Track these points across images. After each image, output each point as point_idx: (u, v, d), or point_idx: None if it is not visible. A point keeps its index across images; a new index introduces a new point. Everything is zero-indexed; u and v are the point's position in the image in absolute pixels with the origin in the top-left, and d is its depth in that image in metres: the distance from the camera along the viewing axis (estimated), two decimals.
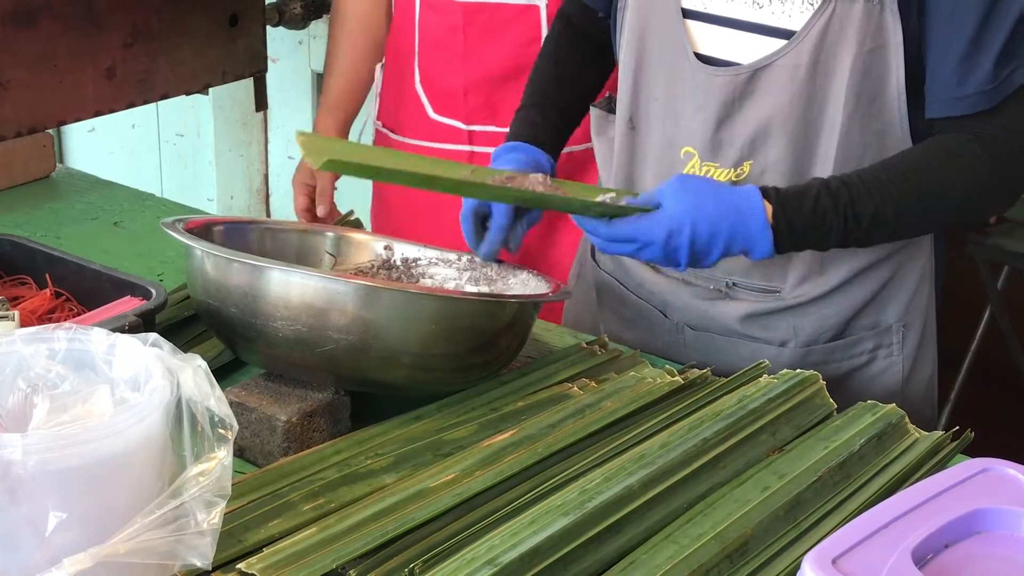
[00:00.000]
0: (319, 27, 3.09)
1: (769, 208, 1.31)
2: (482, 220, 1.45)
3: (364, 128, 2.37)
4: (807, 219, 1.32)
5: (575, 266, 1.77)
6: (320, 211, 2.17)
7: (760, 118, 1.41)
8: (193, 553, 0.91)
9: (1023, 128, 1.37)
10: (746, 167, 1.43)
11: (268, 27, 2.49)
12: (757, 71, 1.40)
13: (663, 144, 1.50)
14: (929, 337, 1.57)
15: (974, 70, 1.34)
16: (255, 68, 2.37)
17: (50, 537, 0.89)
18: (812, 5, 1.36)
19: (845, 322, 1.51)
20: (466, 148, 2.04)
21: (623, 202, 1.33)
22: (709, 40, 1.44)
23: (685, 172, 1.46)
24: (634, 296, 1.61)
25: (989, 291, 3.35)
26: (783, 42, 1.38)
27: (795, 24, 1.37)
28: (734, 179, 1.44)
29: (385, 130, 2.18)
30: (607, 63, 1.63)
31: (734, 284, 1.51)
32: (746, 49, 1.41)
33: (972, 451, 1.28)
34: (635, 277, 1.60)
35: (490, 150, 2.05)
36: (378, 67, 2.19)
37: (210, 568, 0.95)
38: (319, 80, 3.19)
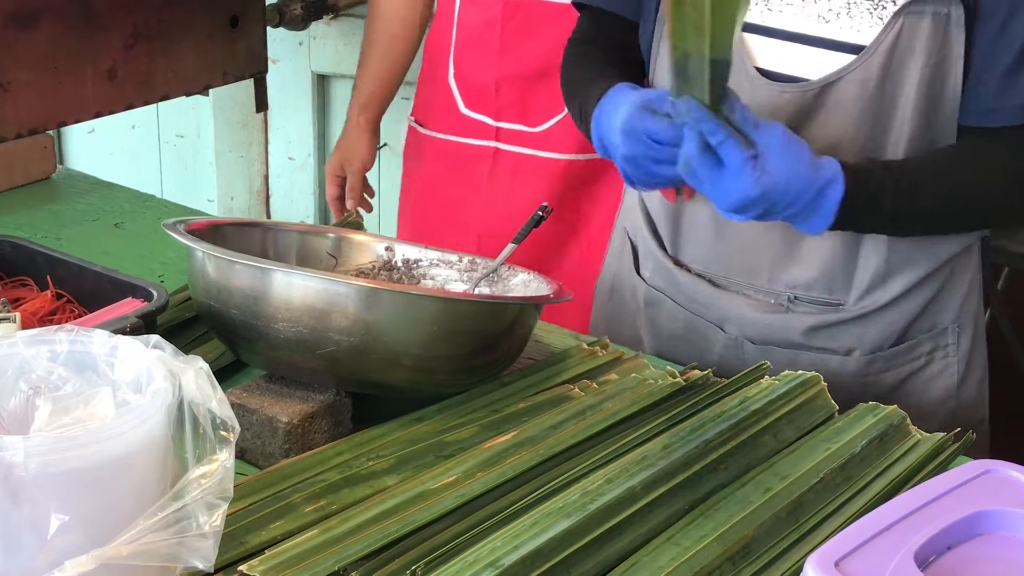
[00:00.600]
0: (319, 28, 3.09)
1: (844, 190, 1.29)
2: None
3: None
4: (868, 197, 1.31)
5: (605, 280, 1.74)
6: (348, 204, 2.22)
7: (828, 133, 1.39)
8: (195, 555, 0.91)
9: None
10: None
11: (268, 28, 2.50)
12: (825, 87, 1.38)
13: None
14: (980, 337, 1.56)
15: (1017, 85, 1.33)
16: (255, 69, 2.37)
17: (52, 539, 0.89)
18: (881, 20, 1.34)
19: (905, 327, 1.50)
20: (492, 144, 2.03)
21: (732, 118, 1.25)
22: (770, 54, 1.41)
23: None
24: (686, 311, 1.58)
25: (989, 292, 3.35)
26: (851, 57, 1.36)
27: (864, 39, 1.36)
28: None
29: (416, 124, 2.18)
30: (637, 72, 1.56)
31: (796, 298, 1.50)
32: (812, 64, 1.39)
33: (973, 453, 1.28)
34: (687, 292, 1.57)
35: (517, 149, 2.04)
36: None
37: (212, 570, 0.95)
38: (319, 81, 3.19)
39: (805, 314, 1.50)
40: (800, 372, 1.35)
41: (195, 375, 0.98)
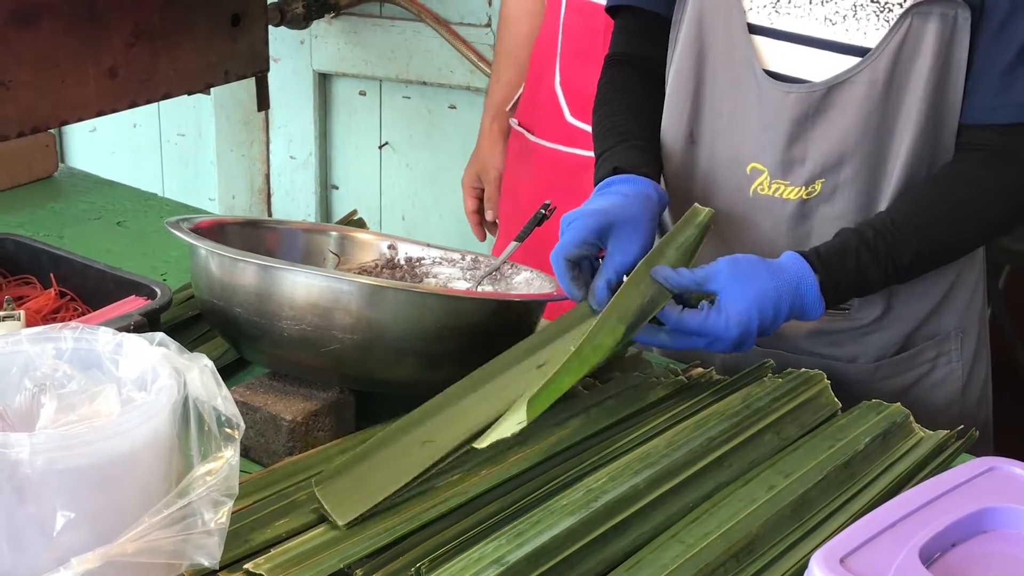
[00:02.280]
0: (321, 27, 3.10)
1: (816, 277, 1.29)
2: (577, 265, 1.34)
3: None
4: (852, 279, 1.31)
5: None
6: (488, 215, 2.22)
7: (834, 137, 1.39)
8: (200, 552, 0.91)
9: None
10: (817, 186, 1.41)
11: (270, 27, 2.50)
12: (832, 88, 1.37)
13: (728, 160, 1.47)
14: (984, 340, 1.57)
15: (1018, 82, 1.33)
16: (257, 68, 2.38)
17: (58, 536, 0.89)
18: (887, 22, 1.34)
19: (909, 334, 1.50)
20: None
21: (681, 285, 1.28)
22: (777, 56, 1.41)
23: (753, 189, 1.44)
24: None
25: (990, 290, 3.35)
26: (856, 59, 1.36)
27: (870, 41, 1.36)
28: (805, 197, 1.42)
29: (521, 129, 2.15)
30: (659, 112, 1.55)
31: None
32: (817, 66, 1.39)
33: (976, 451, 1.28)
34: None
35: None
36: None
37: (217, 568, 0.95)
38: (321, 80, 3.19)
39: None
40: (803, 370, 1.35)
41: (200, 372, 0.98)
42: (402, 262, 1.58)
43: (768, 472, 1.19)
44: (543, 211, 1.55)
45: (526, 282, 1.52)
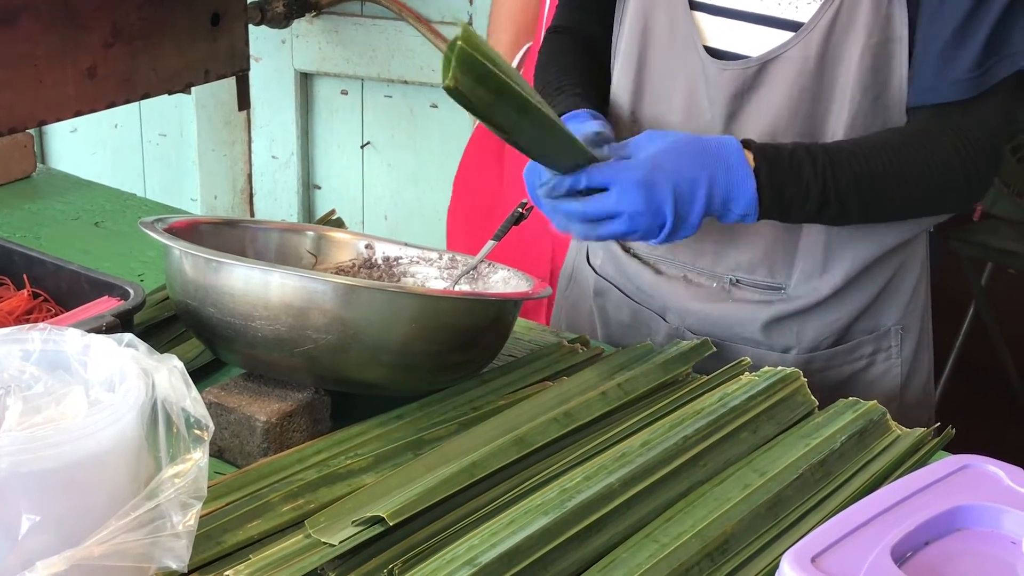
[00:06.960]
0: (302, 26, 3.09)
1: (749, 155, 1.29)
2: None
3: None
4: (785, 167, 1.29)
5: (566, 270, 1.74)
6: None
7: (767, 113, 1.39)
8: (169, 555, 0.90)
9: (996, 122, 1.36)
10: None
11: (250, 26, 2.49)
12: (766, 63, 1.38)
13: None
14: (925, 339, 1.56)
15: (956, 59, 1.33)
16: (237, 67, 2.37)
17: (23, 540, 0.88)
18: None
19: (846, 327, 1.50)
20: None
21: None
22: (717, 33, 1.42)
23: None
24: (632, 301, 1.59)
25: (973, 288, 3.36)
26: (791, 34, 1.36)
27: (803, 16, 1.36)
28: None
29: None
30: (598, 73, 1.58)
31: (737, 280, 1.49)
32: (754, 41, 1.39)
33: (954, 447, 1.28)
34: (634, 281, 1.57)
35: None
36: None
37: (186, 570, 0.94)
38: (302, 79, 3.18)
39: (745, 303, 1.49)
40: (780, 368, 1.35)
41: (169, 373, 0.97)
42: (379, 262, 1.57)
43: (743, 471, 1.18)
44: (520, 210, 1.55)
45: (503, 281, 1.51)
